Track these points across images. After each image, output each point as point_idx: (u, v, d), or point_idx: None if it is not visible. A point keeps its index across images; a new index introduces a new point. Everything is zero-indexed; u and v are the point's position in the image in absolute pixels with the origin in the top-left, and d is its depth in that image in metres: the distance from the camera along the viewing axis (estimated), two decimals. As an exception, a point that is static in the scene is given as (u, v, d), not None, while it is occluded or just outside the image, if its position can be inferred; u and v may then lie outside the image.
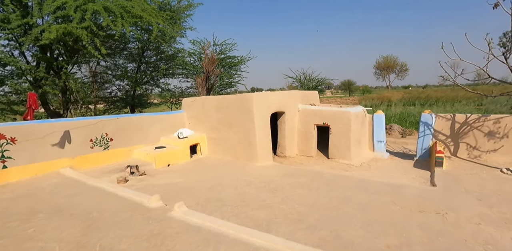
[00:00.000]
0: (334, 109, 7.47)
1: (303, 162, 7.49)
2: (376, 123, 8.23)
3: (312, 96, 8.85)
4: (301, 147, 7.99)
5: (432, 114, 7.45)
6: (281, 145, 7.83)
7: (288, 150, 7.81)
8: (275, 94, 7.22)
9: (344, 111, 7.28)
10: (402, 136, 12.19)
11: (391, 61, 61.53)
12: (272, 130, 7.93)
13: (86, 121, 6.16)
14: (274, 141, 8.14)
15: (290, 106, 7.72)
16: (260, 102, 6.77)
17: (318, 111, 7.64)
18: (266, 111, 6.95)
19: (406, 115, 15.64)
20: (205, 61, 11.34)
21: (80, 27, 6.42)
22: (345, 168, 6.87)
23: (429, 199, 4.40)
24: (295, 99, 7.95)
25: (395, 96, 31.97)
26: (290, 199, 4.48)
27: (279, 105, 7.34)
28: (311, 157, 7.80)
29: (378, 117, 8.22)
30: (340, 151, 7.37)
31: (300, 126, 7.95)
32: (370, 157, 7.79)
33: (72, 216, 3.55)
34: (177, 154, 7.04)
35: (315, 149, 7.86)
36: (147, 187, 5.26)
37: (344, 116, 7.24)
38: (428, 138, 7.52)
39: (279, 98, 7.32)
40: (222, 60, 17.71)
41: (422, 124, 7.56)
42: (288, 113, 7.68)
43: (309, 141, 7.83)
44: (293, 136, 7.91)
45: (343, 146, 7.32)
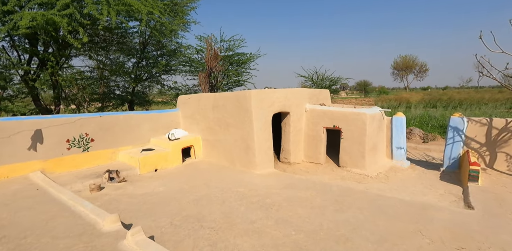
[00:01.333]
0: (347, 110, 6.48)
1: (309, 170, 6.54)
2: (396, 127, 7.17)
3: (322, 95, 7.87)
4: (308, 153, 7.04)
5: (464, 117, 6.33)
6: (285, 150, 6.91)
7: (293, 155, 6.88)
8: (278, 92, 6.32)
9: (358, 112, 6.29)
10: (424, 141, 10.98)
11: (410, 61, 59.11)
12: (276, 133, 7.03)
13: (62, 119, 5.46)
14: (278, 145, 7.23)
15: (296, 106, 6.78)
16: (260, 100, 5.88)
17: (329, 111, 6.67)
18: (267, 110, 6.05)
19: (427, 118, 14.31)
20: (207, 57, 10.56)
21: (61, 14, 5.76)
22: (358, 179, 5.87)
23: (467, 228, 3.38)
24: (302, 97, 7.00)
25: (414, 97, 30.23)
26: (287, 221, 3.58)
27: (283, 104, 6.43)
28: (319, 165, 6.84)
29: (397, 120, 7.15)
30: (353, 158, 6.37)
31: (308, 128, 7.00)
32: (387, 166, 6.75)
33: (1, 241, 2.79)
34: (167, 157, 6.25)
35: (323, 155, 6.89)
36: (121, 197, 4.49)
37: (359, 118, 6.25)
38: (458, 146, 6.40)
39: (283, 96, 6.41)
40: (230, 57, 16.93)
41: (451, 129, 6.44)
42: (294, 114, 6.75)
43: (317, 146, 6.87)
44: (299, 140, 6.97)
45: (356, 152, 6.32)
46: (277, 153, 7.37)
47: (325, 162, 6.92)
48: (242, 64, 16.87)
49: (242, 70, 17.15)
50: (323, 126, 6.76)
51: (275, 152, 7.47)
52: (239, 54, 17.03)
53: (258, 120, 5.84)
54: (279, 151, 7.19)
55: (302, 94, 7.01)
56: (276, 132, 7.12)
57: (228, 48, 16.36)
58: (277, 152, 7.37)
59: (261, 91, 6.05)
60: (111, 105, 10.32)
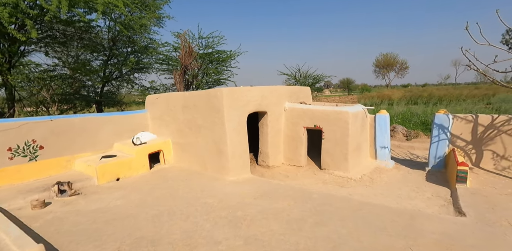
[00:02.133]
0: (329, 108, 6.04)
1: (289, 173, 6.06)
2: (379, 125, 6.80)
3: (302, 93, 7.41)
4: (288, 155, 6.56)
5: (449, 114, 6.03)
6: (263, 152, 6.40)
7: (271, 158, 6.38)
8: (254, 90, 5.79)
9: (340, 110, 5.85)
10: (407, 138, 10.78)
11: (391, 59, 60.16)
12: (254, 134, 6.50)
13: (2, 124, 4.70)
14: (256, 147, 6.71)
15: (274, 105, 6.28)
16: (233, 99, 5.33)
17: (309, 110, 6.20)
18: (242, 110, 5.50)
19: (409, 115, 14.22)
20: (182, 53, 9.89)
21: (1, 2, 4.99)
22: (341, 183, 5.44)
23: (462, 242, 2.97)
24: (281, 96, 6.50)
25: (395, 94, 30.55)
26: (258, 240, 3.05)
27: (260, 104, 5.90)
28: (300, 167, 6.37)
29: (381, 118, 6.79)
30: (335, 160, 5.94)
31: (287, 129, 6.51)
32: (371, 167, 6.37)
33: None
34: (130, 164, 5.60)
35: (304, 157, 6.43)
36: (67, 215, 3.82)
37: (341, 117, 5.81)
38: (443, 144, 6.09)
39: (259, 94, 5.88)
40: (209, 55, 16.27)
41: (436, 127, 6.13)
42: (272, 113, 6.24)
43: (297, 148, 6.39)
44: (278, 141, 6.47)
45: (339, 154, 5.88)
46: (256, 156, 6.85)
47: (306, 165, 6.46)
48: (222, 62, 16.22)
49: (222, 68, 16.49)
50: (303, 126, 6.29)
51: (253, 155, 6.95)
52: (219, 52, 16.39)
53: (231, 121, 5.29)
54: (257, 154, 6.67)
55: (280, 92, 6.51)
56: (254, 133, 6.60)
57: (207, 45, 15.68)
58: (256, 154, 6.85)
59: (235, 89, 5.50)
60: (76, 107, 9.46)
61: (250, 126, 5.99)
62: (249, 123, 5.85)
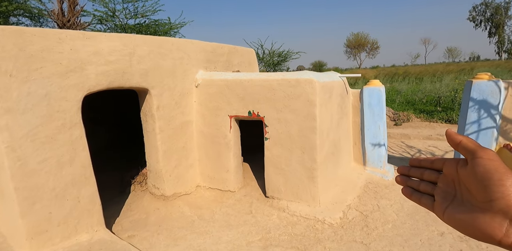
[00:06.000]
0: (275, 76, 2.96)
1: (202, 212, 3.00)
2: (370, 107, 3.89)
3: (238, 56, 4.28)
4: (206, 169, 3.48)
5: (499, 81, 3.21)
6: (152, 170, 3.25)
7: (171, 180, 3.26)
8: (103, 38, 2.54)
9: (297, 79, 2.81)
10: (396, 123, 8.13)
11: (362, 39, 58.46)
12: (137, 135, 3.34)
13: None
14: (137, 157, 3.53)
15: (168, 74, 3.10)
16: (27, 56, 2.07)
17: (239, 83, 3.10)
18: (61, 85, 2.28)
19: (394, 93, 11.68)
20: (58, 5, 6.24)
21: None
22: (305, 237, 2.49)
23: None
24: (187, 58, 3.32)
25: (369, 73, 28.43)
26: None
27: (125, 71, 2.69)
28: (228, 194, 3.32)
29: (373, 93, 3.87)
30: (292, 180, 2.96)
31: (202, 121, 3.39)
32: (359, 184, 3.50)
33: None
34: None
35: (236, 174, 3.39)
36: None
37: (299, 93, 2.78)
38: (488, 136, 3.31)
39: (122, 49, 2.65)
40: (143, 27, 12.55)
41: (474, 105, 3.32)
42: (164, 92, 3.07)
43: (221, 156, 3.32)
44: (183, 145, 3.35)
45: (297, 168, 2.90)
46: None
47: (240, 187, 3.43)
48: (162, 35, 12.58)
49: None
50: (229, 115, 3.20)
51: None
52: (157, 23, 12.75)
53: (18, 111, 2.06)
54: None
55: (184, 49, 3.31)
56: (138, 133, 3.40)
57: (136, 13, 11.92)
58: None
59: (34, 32, 2.22)
60: None
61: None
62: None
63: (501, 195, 0.35)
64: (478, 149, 0.40)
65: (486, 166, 0.38)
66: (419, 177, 0.49)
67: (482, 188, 0.37)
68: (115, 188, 3.83)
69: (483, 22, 46.68)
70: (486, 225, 0.36)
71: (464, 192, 0.41)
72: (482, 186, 0.37)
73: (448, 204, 0.43)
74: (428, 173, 0.48)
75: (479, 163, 0.38)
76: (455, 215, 0.41)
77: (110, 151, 5.20)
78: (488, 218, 0.36)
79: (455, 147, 0.43)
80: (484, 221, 0.37)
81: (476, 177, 0.38)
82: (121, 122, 5.52)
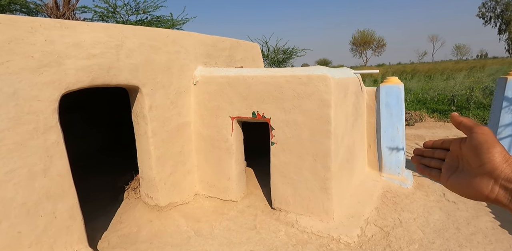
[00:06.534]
0: (283, 72, 2.59)
1: (200, 225, 2.66)
2: (387, 107, 3.51)
3: (241, 51, 3.92)
4: (206, 176, 3.13)
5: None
6: (145, 177, 2.91)
7: (166, 188, 2.92)
8: (84, 27, 2.20)
9: (309, 76, 2.44)
10: (408, 123, 7.71)
11: (368, 36, 57.61)
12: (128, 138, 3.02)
13: None
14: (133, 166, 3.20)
15: (162, 70, 2.75)
16: None
17: (242, 80, 2.74)
18: (34, 83, 1.94)
19: (405, 91, 11.18)
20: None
21: None
22: (316, 260, 2.14)
23: None
24: (184, 52, 2.97)
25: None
26: None
27: (111, 66, 2.34)
28: (229, 204, 2.98)
29: (391, 92, 3.49)
30: (301, 191, 2.60)
31: (201, 122, 3.04)
32: (376, 193, 3.13)
33: None
34: None
35: (239, 182, 3.04)
36: None
37: (311, 91, 2.42)
38: (525, 142, 2.92)
39: (107, 41, 2.31)
40: (143, 23, 12.24)
41: (509, 105, 2.92)
42: (158, 89, 2.72)
43: (222, 162, 2.97)
44: (180, 150, 3.00)
45: (308, 177, 2.55)
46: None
47: (244, 197, 3.08)
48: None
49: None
50: (231, 116, 2.85)
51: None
52: (159, 20, 12.44)
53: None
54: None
55: (183, 42, 2.96)
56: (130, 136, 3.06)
57: (138, 9, 11.62)
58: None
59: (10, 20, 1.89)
60: None
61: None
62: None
63: (487, 160, 0.45)
64: (475, 126, 0.49)
65: (478, 139, 0.47)
66: (431, 155, 0.59)
67: (475, 156, 0.47)
68: (107, 194, 3.51)
69: (493, 18, 45.54)
70: (477, 185, 0.47)
71: (465, 163, 0.51)
72: (476, 154, 0.47)
73: (451, 173, 0.53)
74: (438, 151, 0.58)
75: (474, 137, 0.48)
76: (456, 181, 0.52)
77: (104, 154, 4.89)
78: (479, 179, 0.47)
79: (457, 126, 0.53)
80: (476, 181, 0.47)
81: (471, 148, 0.48)
82: (118, 122, 5.20)
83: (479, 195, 0.46)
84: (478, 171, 0.47)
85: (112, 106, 5.12)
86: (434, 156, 0.58)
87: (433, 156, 0.58)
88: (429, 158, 0.59)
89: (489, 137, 0.46)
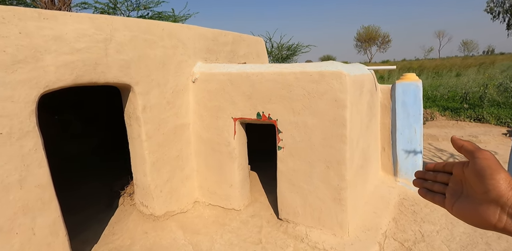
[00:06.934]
0: (292, 69, 2.31)
1: (199, 238, 2.42)
2: (404, 106, 3.22)
3: (244, 46, 3.64)
4: (206, 182, 2.88)
5: None
6: (139, 184, 2.66)
7: (162, 196, 2.67)
8: (65, 19, 1.94)
9: (322, 72, 2.15)
10: (419, 122, 7.37)
11: (373, 32, 56.78)
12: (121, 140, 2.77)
13: None
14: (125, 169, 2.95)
15: (157, 67, 2.49)
16: None
17: (246, 77, 2.47)
18: (16, 86, 1.70)
19: (412, 89, 10.80)
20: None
21: None
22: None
23: None
24: (182, 46, 2.70)
25: (382, 68, 27.37)
26: None
27: (96, 62, 2.08)
28: (232, 213, 2.72)
29: (408, 89, 3.20)
30: (312, 201, 2.34)
31: (199, 123, 2.78)
32: (392, 201, 2.86)
33: None
34: None
35: (241, 189, 2.78)
36: None
37: (324, 90, 2.14)
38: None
39: (93, 33, 2.04)
40: (145, 19, 11.95)
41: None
42: (153, 88, 2.46)
43: (223, 166, 2.71)
44: (178, 154, 2.74)
45: (320, 186, 2.28)
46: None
47: (247, 205, 2.82)
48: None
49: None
50: (233, 117, 2.58)
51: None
52: (160, 15, 12.17)
53: None
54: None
55: (180, 36, 2.69)
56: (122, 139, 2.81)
57: (139, 4, 11.37)
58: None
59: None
60: None
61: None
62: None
63: (492, 187, 0.43)
64: (476, 150, 0.47)
65: (481, 164, 0.45)
66: (433, 179, 0.56)
67: (479, 182, 0.45)
68: (102, 200, 3.29)
69: (501, 13, 44.49)
70: (484, 213, 0.44)
71: (469, 188, 0.48)
72: (479, 180, 0.45)
73: (456, 199, 0.50)
74: (440, 175, 0.55)
75: (476, 162, 0.46)
76: (461, 208, 0.48)
77: (102, 155, 4.67)
78: (485, 207, 0.44)
79: (458, 150, 0.50)
80: (482, 209, 0.44)
81: (474, 174, 0.46)
82: (117, 121, 4.97)
83: (487, 224, 0.44)
84: (483, 197, 0.45)
85: (111, 104, 4.88)
86: (436, 180, 0.55)
87: (436, 180, 0.55)
88: (432, 181, 0.56)
89: (492, 162, 0.44)
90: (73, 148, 4.57)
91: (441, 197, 0.53)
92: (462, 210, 0.48)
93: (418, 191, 0.57)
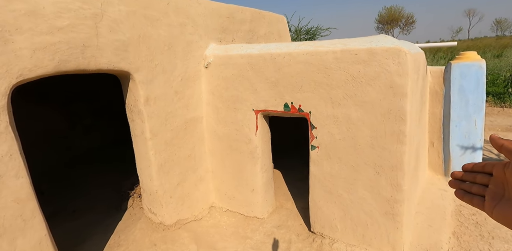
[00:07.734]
0: (330, 47, 1.80)
1: (219, 252, 2.04)
2: (462, 92, 2.63)
3: (263, 24, 3.12)
4: (223, 185, 2.48)
5: None
6: (145, 189, 2.30)
7: (172, 202, 2.30)
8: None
9: (371, 49, 1.63)
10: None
11: (395, 13, 53.55)
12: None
13: None
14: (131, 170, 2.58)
15: (161, 49, 2.05)
16: None
17: (271, 59, 1.98)
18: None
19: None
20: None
21: None
22: None
23: None
24: (189, 23, 2.23)
25: (407, 51, 25.77)
26: None
27: (84, 43, 1.66)
28: (253, 222, 2.32)
29: (468, 72, 2.59)
30: (354, 214, 1.88)
31: (214, 116, 2.34)
32: (447, 209, 2.35)
33: None
34: None
35: (264, 195, 2.36)
36: None
37: (374, 73, 1.62)
38: None
39: (76, 7, 1.62)
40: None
41: None
42: (157, 75, 2.04)
43: (243, 168, 2.29)
44: (187, 151, 2.34)
45: (366, 196, 1.81)
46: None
47: (271, 211, 2.41)
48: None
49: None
50: (254, 109, 2.12)
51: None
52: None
53: None
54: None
55: (189, 12, 2.22)
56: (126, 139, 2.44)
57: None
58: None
59: None
60: None
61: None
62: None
63: None
64: None
65: None
66: (472, 180, 0.50)
67: None
68: (110, 201, 2.98)
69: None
70: None
71: (511, 190, 0.43)
72: None
73: (497, 202, 0.45)
74: (480, 176, 0.49)
75: None
76: (503, 211, 0.43)
77: (113, 149, 4.38)
78: None
79: (498, 150, 0.44)
80: None
81: None
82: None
83: None
84: None
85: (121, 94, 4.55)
86: (475, 181, 0.49)
87: (475, 181, 0.49)
88: (470, 182, 0.50)
89: None
90: (83, 143, 4.31)
91: (480, 199, 0.48)
92: (503, 214, 0.43)
93: (455, 192, 0.52)
